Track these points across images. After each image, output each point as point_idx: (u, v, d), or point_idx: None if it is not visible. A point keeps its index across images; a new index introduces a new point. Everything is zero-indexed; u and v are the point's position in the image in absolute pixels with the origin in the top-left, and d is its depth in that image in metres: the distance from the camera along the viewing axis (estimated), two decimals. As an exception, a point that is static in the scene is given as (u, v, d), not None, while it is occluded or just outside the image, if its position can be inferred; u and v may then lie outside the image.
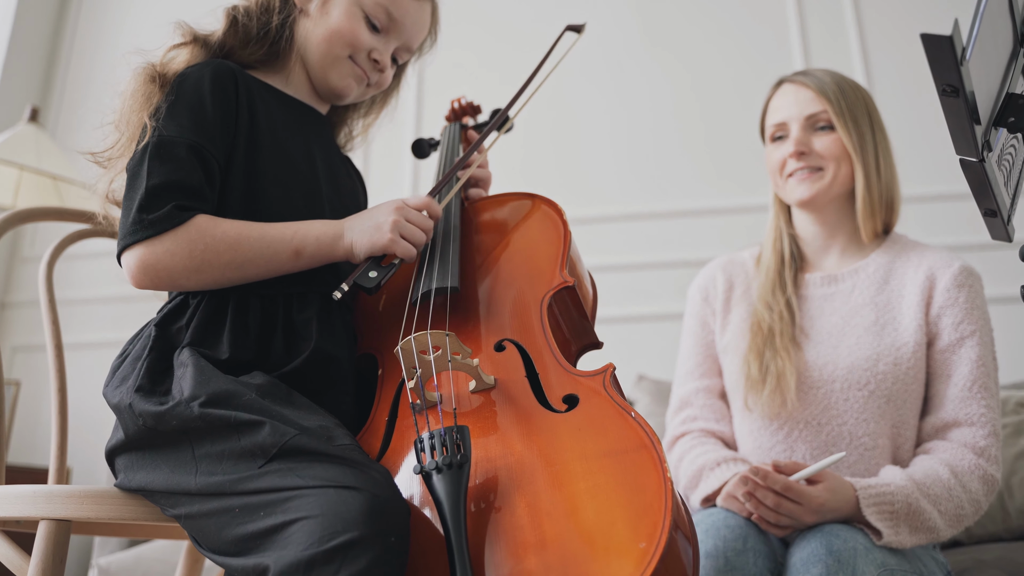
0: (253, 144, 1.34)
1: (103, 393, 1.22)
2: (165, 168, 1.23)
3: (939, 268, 1.77)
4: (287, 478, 1.00)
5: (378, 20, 1.46)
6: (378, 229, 1.26)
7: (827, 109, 1.83)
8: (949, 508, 1.58)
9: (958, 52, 0.89)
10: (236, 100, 1.34)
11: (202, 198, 1.25)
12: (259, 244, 1.23)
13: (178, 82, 1.31)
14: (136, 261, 1.21)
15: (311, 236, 1.26)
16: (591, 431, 1.03)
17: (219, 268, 1.22)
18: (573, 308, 1.32)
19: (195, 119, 1.28)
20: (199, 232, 1.21)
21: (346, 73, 1.47)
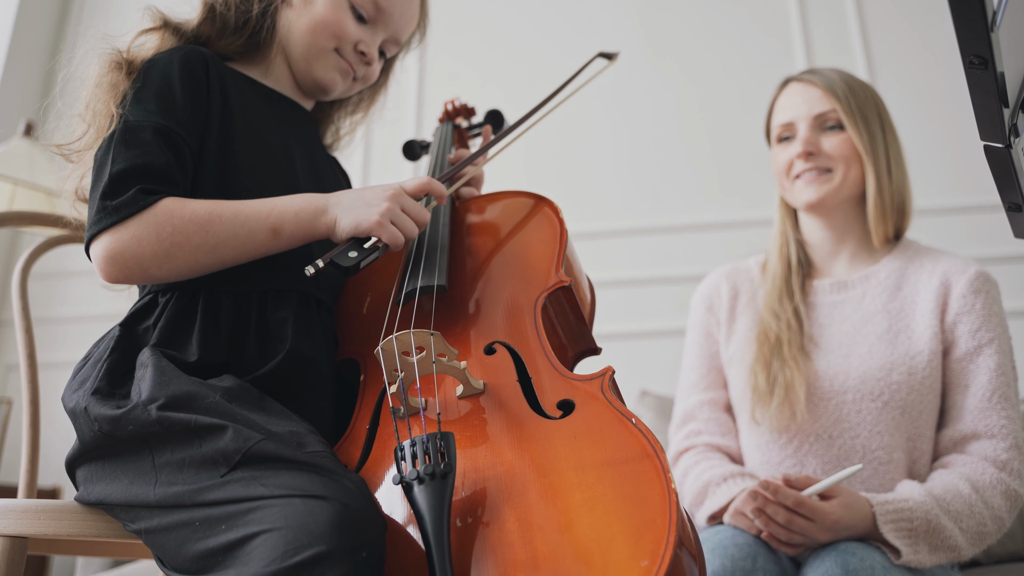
0: (226, 133, 1.27)
1: (61, 398, 1.14)
2: (130, 153, 1.16)
3: (954, 273, 1.69)
4: (251, 487, 0.91)
5: (365, 10, 1.40)
6: (367, 207, 1.16)
7: (836, 108, 1.76)
8: (971, 525, 1.50)
9: (989, 17, 0.82)
10: (207, 85, 1.27)
11: (170, 181, 1.17)
12: (232, 223, 1.14)
13: (146, 68, 1.24)
14: (103, 251, 1.12)
15: (290, 212, 1.16)
16: (588, 439, 0.95)
17: (190, 252, 1.13)
18: (569, 310, 1.24)
19: (162, 103, 1.21)
20: (166, 215, 1.13)
21: (331, 66, 1.41)
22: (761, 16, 3.57)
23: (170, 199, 1.15)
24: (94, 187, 1.16)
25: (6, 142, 3.49)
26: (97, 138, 1.21)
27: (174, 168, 1.18)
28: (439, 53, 3.57)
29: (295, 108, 1.44)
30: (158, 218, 1.12)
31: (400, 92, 3.65)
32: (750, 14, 3.58)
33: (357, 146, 1.67)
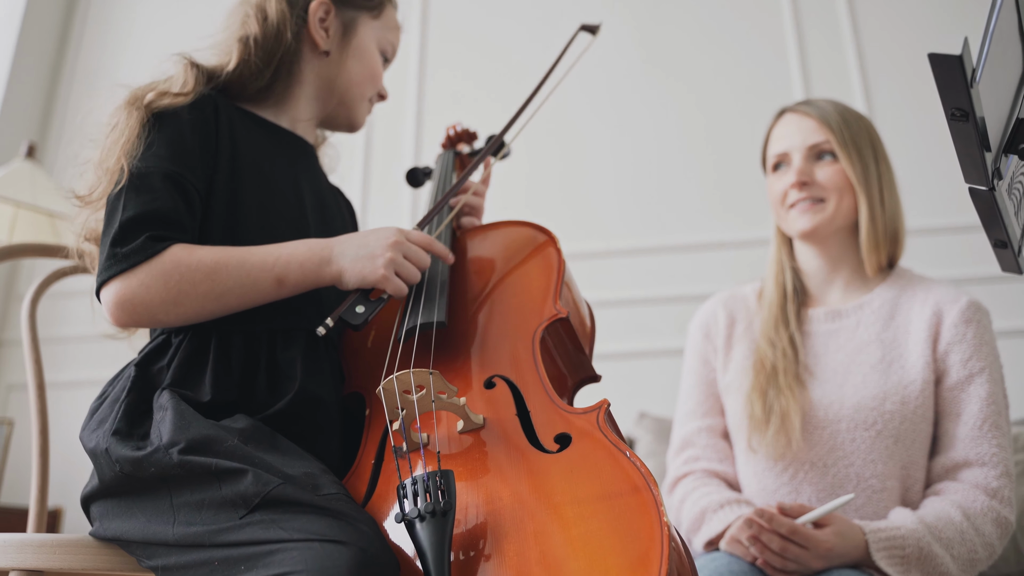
0: (235, 175, 1.30)
1: (80, 437, 1.17)
2: (140, 199, 1.19)
3: (946, 303, 1.72)
4: (270, 530, 0.94)
5: (387, 54, 1.56)
6: (372, 261, 1.20)
7: (830, 139, 1.79)
8: (962, 553, 1.53)
9: (968, 73, 0.85)
10: (217, 130, 1.31)
11: (180, 227, 1.21)
12: (238, 272, 1.18)
13: (157, 116, 1.27)
14: (112, 297, 1.16)
15: (295, 262, 1.20)
16: (584, 473, 0.98)
17: (197, 299, 1.16)
18: (568, 340, 1.27)
19: (172, 149, 1.24)
20: (174, 262, 1.16)
21: (367, 109, 1.56)
22: (761, 38, 3.61)
23: (178, 246, 1.18)
24: (105, 233, 1.19)
25: (8, 164, 3.51)
26: (111, 185, 1.24)
27: (183, 213, 1.21)
28: (437, 68, 3.61)
29: (301, 144, 1.47)
30: (166, 266, 1.15)
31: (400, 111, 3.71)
32: (750, 35, 3.62)
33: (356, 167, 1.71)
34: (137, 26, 4.30)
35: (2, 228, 3.50)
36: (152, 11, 4.30)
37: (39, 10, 4.23)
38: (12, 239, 3.48)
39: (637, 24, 3.74)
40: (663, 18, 3.72)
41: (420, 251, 1.25)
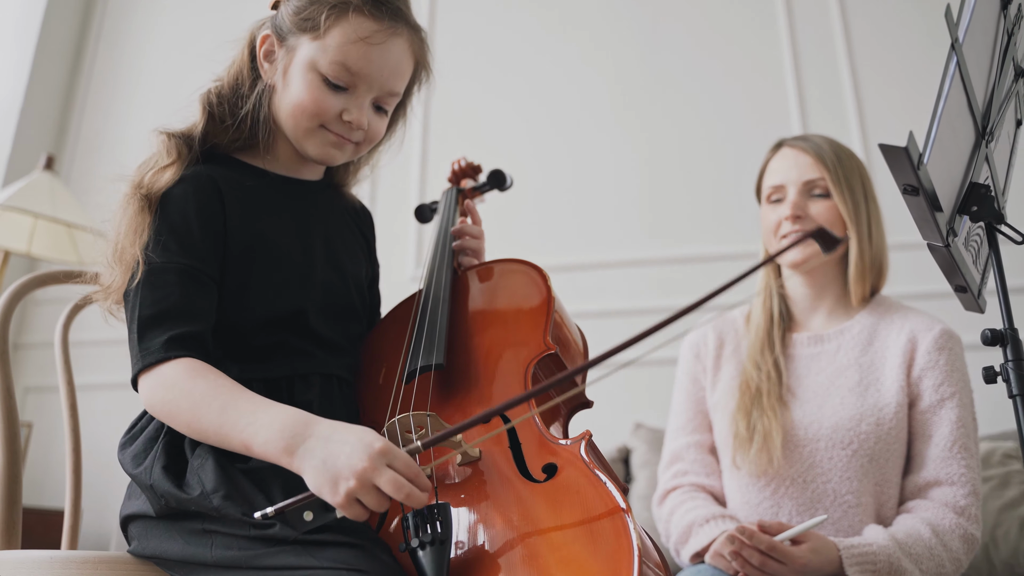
0: (243, 251, 1.33)
1: (119, 459, 1.28)
2: (156, 296, 1.23)
3: (921, 331, 1.83)
4: (302, 557, 1.06)
5: (340, 79, 1.34)
6: (334, 484, 1.04)
7: (824, 176, 1.88)
8: (930, 567, 1.63)
9: (914, 159, 0.97)
10: (223, 211, 1.33)
11: (197, 319, 1.25)
12: (216, 421, 1.15)
13: (161, 204, 1.30)
14: (143, 390, 1.22)
15: (259, 439, 1.11)
16: (567, 500, 1.09)
17: (183, 426, 1.19)
18: (559, 372, 1.37)
19: (181, 241, 1.27)
20: (173, 380, 1.19)
21: (321, 143, 1.39)
22: (757, 60, 3.70)
23: (184, 364, 1.20)
24: (129, 329, 1.25)
25: (27, 176, 3.61)
26: (126, 276, 1.28)
27: (198, 304, 1.25)
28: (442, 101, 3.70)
29: (304, 187, 1.48)
30: (164, 380, 1.19)
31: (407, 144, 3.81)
32: (748, 56, 3.71)
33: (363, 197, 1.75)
34: (150, 40, 4.40)
35: (22, 238, 3.60)
36: (166, 25, 4.40)
37: (55, 26, 4.33)
38: (31, 249, 3.58)
39: (637, 43, 3.83)
40: (663, 38, 3.82)
41: (398, 480, 1.04)
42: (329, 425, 1.11)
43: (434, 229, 1.75)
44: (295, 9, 1.37)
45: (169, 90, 4.23)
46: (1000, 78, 1.19)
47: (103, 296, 1.34)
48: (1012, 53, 1.24)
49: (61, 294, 3.28)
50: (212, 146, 1.41)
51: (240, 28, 1.52)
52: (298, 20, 1.36)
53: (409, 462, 1.06)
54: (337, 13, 1.33)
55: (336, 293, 1.43)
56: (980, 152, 1.20)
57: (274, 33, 1.40)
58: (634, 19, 3.86)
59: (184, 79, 1.61)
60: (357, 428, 1.10)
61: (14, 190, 3.42)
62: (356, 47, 1.33)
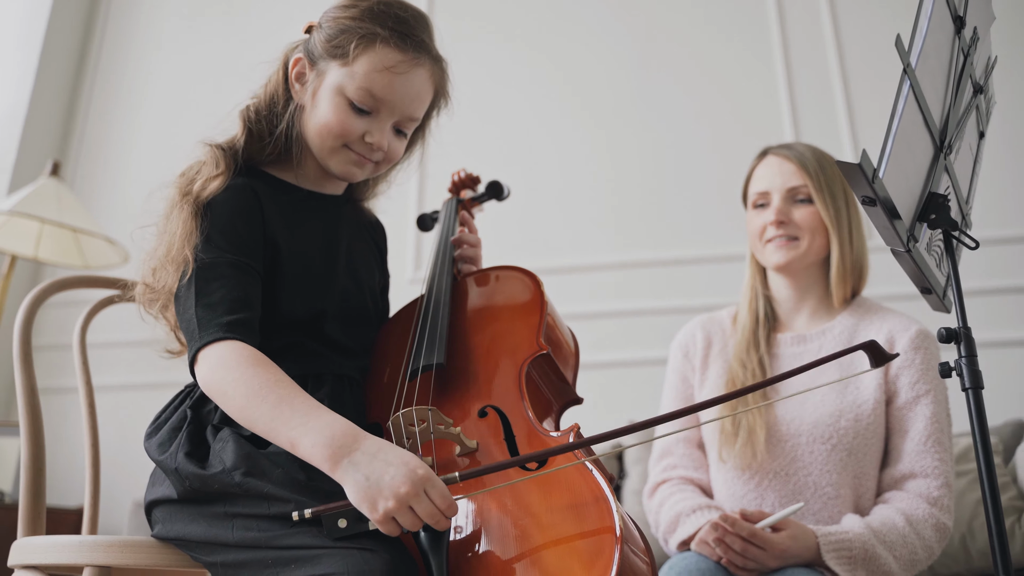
0: (276, 256, 1.44)
1: (145, 447, 1.38)
2: (211, 287, 1.33)
3: (898, 332, 1.93)
4: (317, 538, 1.15)
5: (364, 104, 1.45)
6: (374, 501, 1.12)
7: (807, 183, 1.98)
8: (904, 554, 1.73)
9: (869, 175, 1.06)
10: (262, 217, 1.44)
11: (250, 307, 1.34)
12: (269, 414, 1.23)
13: (207, 209, 1.40)
14: (199, 370, 1.30)
15: (307, 442, 1.18)
16: (557, 487, 1.19)
17: (234, 410, 1.27)
18: (551, 372, 1.48)
19: (229, 239, 1.38)
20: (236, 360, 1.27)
21: (344, 161, 1.50)
22: (749, 71, 3.81)
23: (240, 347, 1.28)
24: (185, 318, 1.33)
25: (34, 182, 3.70)
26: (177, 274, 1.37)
27: (250, 294, 1.36)
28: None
29: (328, 200, 1.59)
30: (224, 360, 1.27)
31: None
32: (739, 66, 3.82)
33: None
34: (152, 48, 4.50)
35: (28, 243, 3.71)
36: (168, 33, 4.50)
37: (58, 35, 4.44)
38: (37, 253, 3.68)
39: (629, 52, 3.94)
40: (654, 48, 3.92)
41: (433, 509, 1.12)
42: (376, 443, 1.18)
43: (435, 238, 1.85)
44: (327, 36, 1.47)
45: (171, 97, 4.34)
46: (957, 96, 1.29)
47: (149, 298, 1.44)
48: (969, 72, 1.34)
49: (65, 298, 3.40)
50: (247, 159, 1.52)
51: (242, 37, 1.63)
52: (329, 47, 1.47)
53: (445, 492, 1.13)
54: (366, 43, 1.44)
55: (352, 300, 1.54)
56: (939, 164, 1.30)
57: (306, 57, 1.51)
58: (626, 29, 3.96)
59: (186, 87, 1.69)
60: (401, 451, 1.16)
61: (22, 196, 3.52)
62: (381, 75, 1.45)
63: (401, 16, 1.48)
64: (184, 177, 1.45)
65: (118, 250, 3.67)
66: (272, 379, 1.25)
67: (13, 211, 3.43)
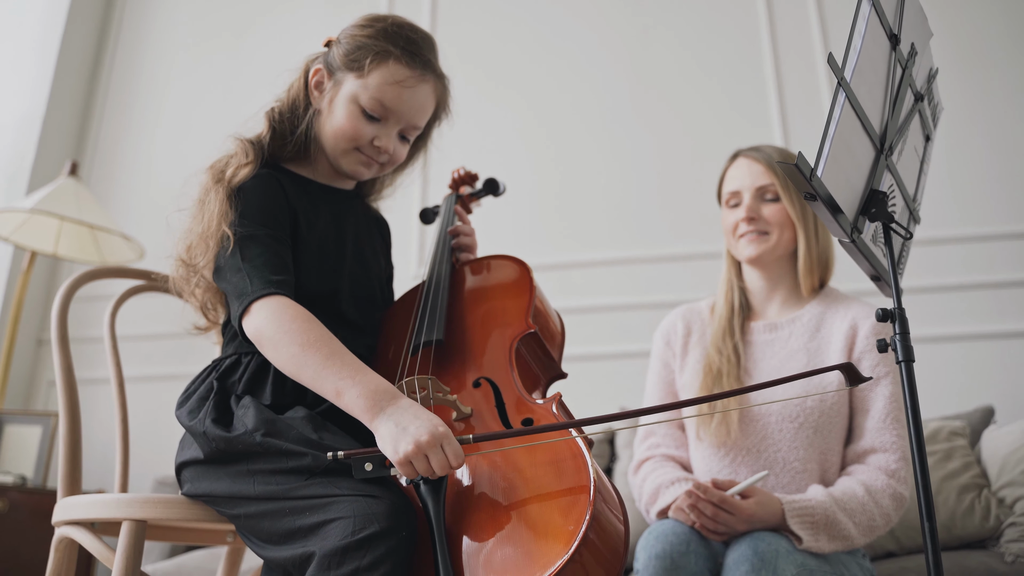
0: (295, 236, 1.64)
1: (176, 415, 1.56)
2: (252, 252, 1.51)
3: (860, 319, 2.09)
4: (328, 488, 1.33)
5: (375, 112, 1.66)
6: (400, 444, 1.29)
7: (775, 183, 2.15)
8: (862, 520, 1.89)
9: (806, 173, 1.23)
10: (286, 201, 1.63)
11: (288, 271, 1.53)
12: (319, 364, 1.39)
13: (240, 195, 1.58)
14: (252, 320, 1.46)
15: (353, 392, 1.36)
16: (541, 447, 1.37)
17: (282, 356, 1.43)
18: (538, 348, 1.66)
19: (264, 217, 1.58)
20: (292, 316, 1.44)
21: (354, 161, 1.72)
22: (740, 78, 3.96)
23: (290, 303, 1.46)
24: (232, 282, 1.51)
25: (54, 182, 3.86)
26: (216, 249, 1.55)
27: (286, 260, 1.55)
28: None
29: (340, 194, 1.80)
30: (277, 312, 1.45)
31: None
32: (730, 72, 3.97)
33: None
34: (165, 52, 4.67)
35: (48, 240, 3.87)
36: (180, 38, 4.67)
37: (74, 41, 4.60)
38: (57, 250, 3.85)
39: (623, 57, 4.09)
40: (648, 53, 4.07)
41: (445, 461, 1.29)
42: (411, 402, 1.36)
43: (435, 230, 2.02)
44: (345, 51, 1.69)
45: (184, 99, 4.50)
46: (896, 104, 1.45)
47: (182, 273, 1.62)
48: (909, 82, 1.50)
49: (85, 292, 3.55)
50: (270, 155, 1.72)
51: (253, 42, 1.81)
52: (347, 60, 1.68)
53: (458, 450, 1.30)
54: (380, 59, 1.66)
55: (362, 284, 1.74)
56: (881, 164, 1.46)
57: (325, 67, 1.73)
58: (622, 34, 4.11)
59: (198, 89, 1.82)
60: (430, 413, 1.34)
61: (42, 195, 3.68)
62: (391, 88, 1.66)
63: (411, 38, 1.70)
64: (216, 166, 1.65)
65: (133, 246, 3.83)
66: (324, 335, 1.43)
67: (35, 209, 3.59)
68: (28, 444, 3.67)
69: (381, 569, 1.21)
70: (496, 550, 1.25)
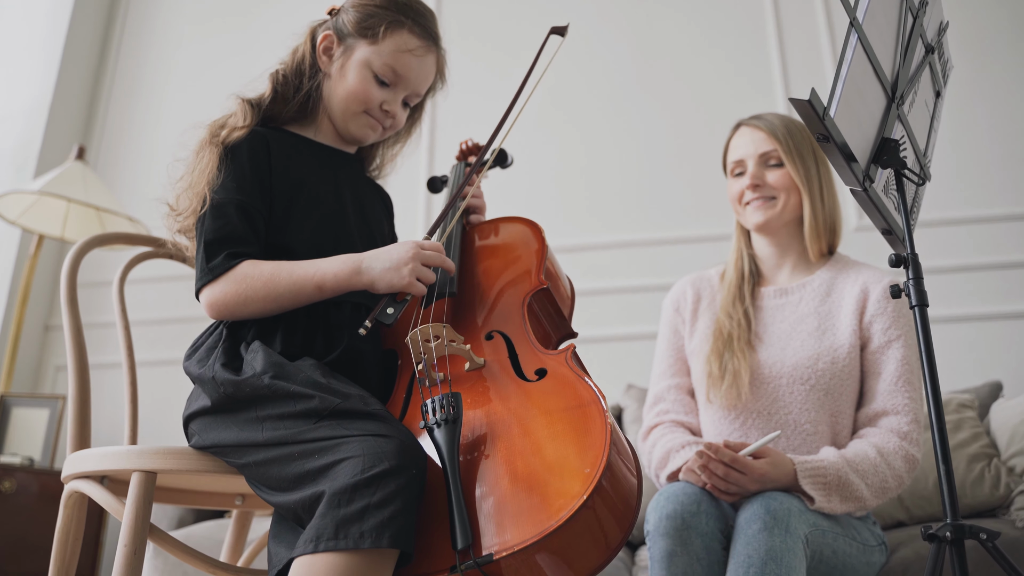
0: (287, 194, 1.65)
1: (184, 366, 1.57)
2: (217, 224, 1.56)
3: (872, 283, 2.08)
4: (336, 430, 1.32)
5: (386, 77, 1.73)
6: (398, 271, 1.49)
7: (777, 148, 2.15)
8: (875, 482, 1.88)
9: (819, 110, 1.22)
10: (269, 164, 1.65)
11: (249, 243, 1.57)
12: (288, 281, 1.51)
13: (224, 156, 1.63)
14: (205, 300, 1.54)
15: (330, 273, 1.52)
16: (554, 393, 1.36)
17: (259, 302, 1.52)
18: (549, 305, 1.66)
19: (238, 183, 1.60)
20: (243, 275, 1.52)
21: (363, 124, 1.77)
22: (745, 55, 3.96)
23: (247, 263, 1.54)
24: (197, 251, 1.58)
25: (61, 165, 3.88)
26: (198, 204, 1.60)
27: (249, 233, 1.58)
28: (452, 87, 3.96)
29: (342, 156, 1.82)
30: (237, 277, 1.52)
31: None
32: (736, 51, 3.97)
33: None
34: (171, 38, 4.68)
35: (56, 221, 3.89)
36: (186, 24, 4.68)
37: (81, 27, 4.62)
38: (64, 233, 3.87)
39: (629, 34, 4.09)
40: (654, 31, 4.07)
41: (434, 255, 1.53)
42: (375, 249, 1.56)
43: (445, 196, 2.03)
44: (357, 19, 1.74)
45: (189, 84, 4.50)
46: (908, 52, 1.45)
47: (172, 220, 1.67)
48: (919, 32, 1.49)
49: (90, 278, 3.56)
50: (269, 117, 1.76)
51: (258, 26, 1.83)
52: (359, 27, 1.74)
53: (435, 245, 1.54)
54: (394, 28, 1.73)
55: (366, 239, 1.74)
56: (892, 113, 1.45)
57: (334, 33, 1.77)
58: (631, 16, 4.11)
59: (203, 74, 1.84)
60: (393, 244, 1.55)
61: (50, 177, 3.70)
62: (403, 56, 1.74)
63: (419, 10, 1.78)
64: (215, 124, 1.69)
65: (139, 228, 3.83)
66: (276, 264, 1.54)
67: (43, 191, 3.61)
68: (36, 427, 3.69)
69: (391, 507, 1.20)
70: (509, 494, 1.24)
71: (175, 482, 1.72)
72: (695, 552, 1.75)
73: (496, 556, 1.18)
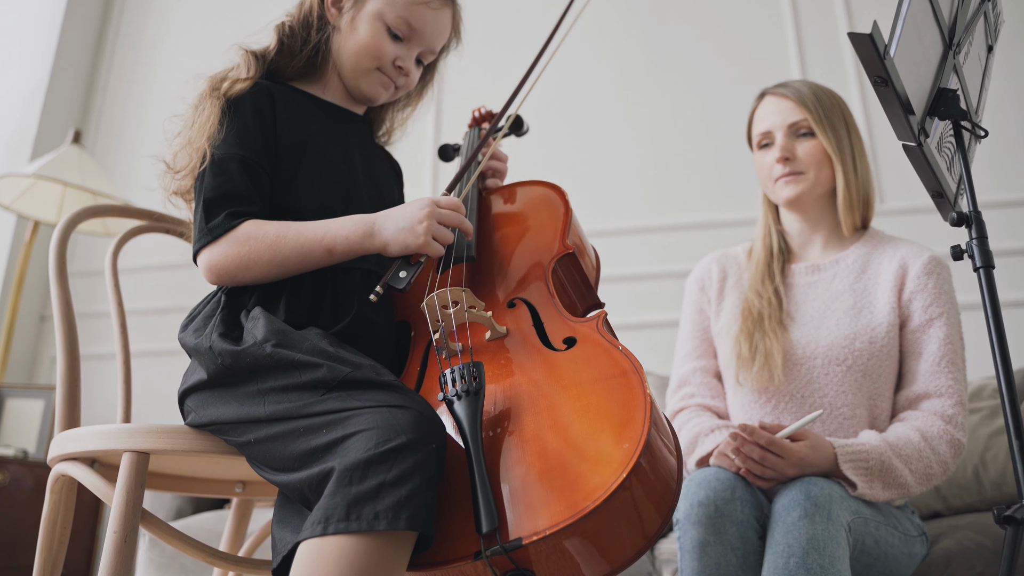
0: (292, 150, 1.54)
1: (179, 338, 1.44)
2: (218, 181, 1.44)
3: (911, 258, 1.96)
4: (346, 402, 1.19)
5: (400, 31, 1.62)
6: (412, 232, 1.37)
7: (807, 117, 2.02)
8: (919, 467, 1.76)
9: (880, 48, 1.10)
10: (274, 116, 1.54)
11: (251, 201, 1.45)
12: (295, 243, 1.39)
13: (226, 110, 1.51)
14: (204, 263, 1.42)
15: (340, 235, 1.40)
16: (585, 363, 1.23)
17: (263, 265, 1.39)
18: (575, 272, 1.53)
19: (240, 138, 1.48)
20: (245, 236, 1.40)
21: (375, 81, 1.65)
22: (761, 32, 3.85)
23: (250, 222, 1.42)
24: (196, 211, 1.46)
25: (57, 149, 3.78)
26: (197, 161, 1.48)
27: (253, 190, 1.46)
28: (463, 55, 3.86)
29: (349, 115, 1.70)
30: (239, 238, 1.40)
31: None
32: (751, 29, 3.86)
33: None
34: (170, 21, 4.57)
35: (52, 205, 3.78)
36: (185, 6, 4.57)
37: (79, 9, 4.51)
38: (60, 217, 3.75)
39: (643, 15, 3.98)
40: (669, 11, 3.96)
41: (451, 213, 1.41)
42: (387, 210, 1.44)
43: (459, 162, 1.91)
44: None
45: (186, 69, 4.37)
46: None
47: (170, 179, 1.54)
48: (979, -27, 1.37)
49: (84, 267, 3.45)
50: (274, 71, 1.65)
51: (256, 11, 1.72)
52: None
53: (452, 201, 1.42)
54: None
55: (375, 201, 1.63)
56: (948, 62, 1.33)
57: None
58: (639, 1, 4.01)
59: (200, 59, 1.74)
60: (407, 202, 1.43)
61: (45, 161, 3.60)
62: (418, 8, 1.63)
63: None
64: (216, 76, 1.56)
65: (137, 213, 3.73)
66: (282, 225, 1.42)
67: (38, 174, 3.50)
68: (30, 418, 3.60)
69: (409, 484, 1.08)
70: (539, 473, 1.12)
71: (170, 466, 1.60)
72: (729, 541, 1.63)
73: (525, 541, 1.06)
